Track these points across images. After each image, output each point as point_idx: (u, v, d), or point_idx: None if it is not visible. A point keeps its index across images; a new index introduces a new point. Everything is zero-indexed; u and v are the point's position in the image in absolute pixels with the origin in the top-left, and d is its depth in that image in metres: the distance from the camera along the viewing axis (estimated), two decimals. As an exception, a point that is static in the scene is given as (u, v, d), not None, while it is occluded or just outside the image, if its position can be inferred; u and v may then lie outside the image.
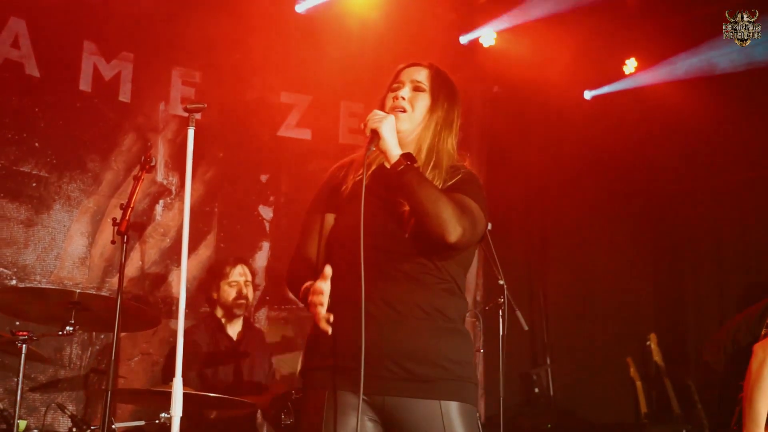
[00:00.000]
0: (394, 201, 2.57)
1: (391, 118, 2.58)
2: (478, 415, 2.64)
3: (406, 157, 2.51)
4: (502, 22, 6.32)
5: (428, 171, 2.60)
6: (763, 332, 3.57)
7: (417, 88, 2.69)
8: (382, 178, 2.59)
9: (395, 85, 2.72)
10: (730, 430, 3.58)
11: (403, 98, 2.67)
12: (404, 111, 2.65)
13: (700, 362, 5.96)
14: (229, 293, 4.87)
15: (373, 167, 2.63)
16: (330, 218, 2.70)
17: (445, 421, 2.46)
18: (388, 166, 2.52)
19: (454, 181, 2.60)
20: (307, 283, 2.54)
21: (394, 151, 2.51)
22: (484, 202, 2.60)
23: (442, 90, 2.72)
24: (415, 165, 2.51)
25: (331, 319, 2.45)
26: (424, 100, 2.68)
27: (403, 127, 2.62)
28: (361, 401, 2.41)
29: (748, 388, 3.39)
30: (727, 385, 3.67)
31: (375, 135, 2.53)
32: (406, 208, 2.53)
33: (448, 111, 2.70)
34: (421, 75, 2.71)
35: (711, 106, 6.33)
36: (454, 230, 2.43)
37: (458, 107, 2.74)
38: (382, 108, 2.68)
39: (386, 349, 2.46)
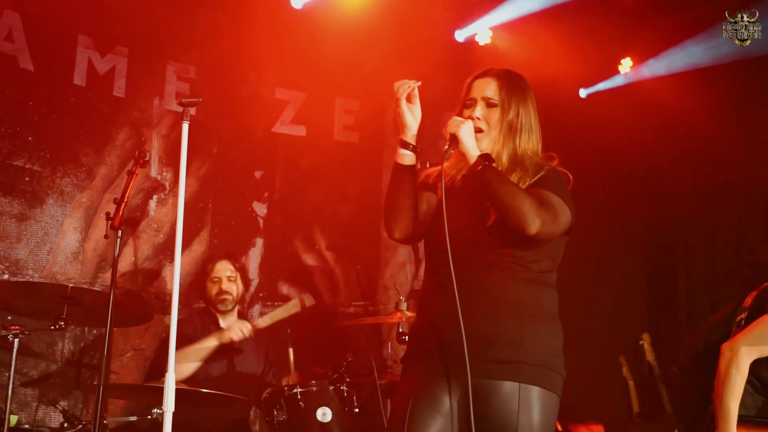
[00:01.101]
0: (479, 200, 2.74)
1: (470, 122, 2.75)
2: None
3: (485, 157, 2.68)
4: (498, 20, 6.32)
5: (512, 171, 2.76)
6: (732, 331, 3.60)
7: (489, 105, 2.83)
8: (469, 181, 2.77)
9: (468, 102, 2.86)
10: (706, 428, 3.59)
11: (478, 118, 2.80)
12: (481, 131, 2.79)
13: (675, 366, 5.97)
14: (211, 289, 4.93)
15: (463, 172, 2.80)
16: (427, 196, 2.88)
17: (522, 404, 2.58)
18: (469, 168, 2.71)
19: (536, 178, 2.74)
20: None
21: (473, 152, 2.70)
22: (568, 196, 2.75)
23: (512, 97, 2.84)
24: (493, 164, 2.68)
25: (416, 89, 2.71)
26: (498, 115, 2.82)
27: (483, 146, 2.76)
28: (457, 387, 2.60)
29: (718, 387, 3.43)
30: (699, 385, 3.70)
31: (454, 139, 2.72)
32: (489, 204, 2.71)
33: (522, 115, 2.83)
34: (491, 90, 2.85)
35: (706, 103, 6.33)
36: (533, 222, 2.59)
37: (532, 107, 2.88)
38: None
39: (474, 334, 2.58)
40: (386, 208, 2.84)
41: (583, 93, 6.95)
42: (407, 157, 2.77)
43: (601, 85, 6.84)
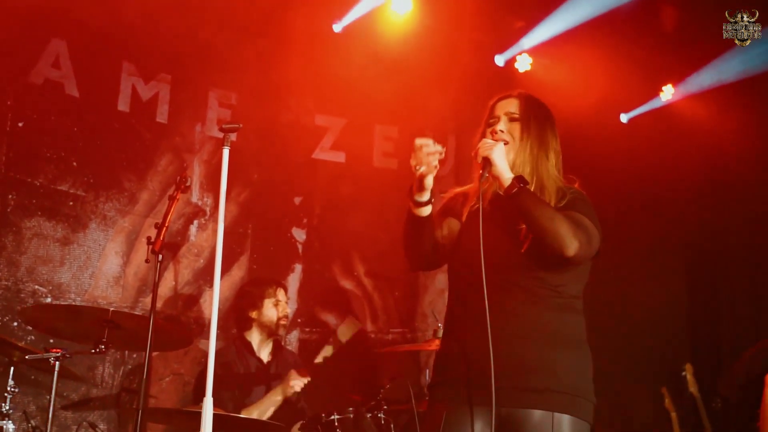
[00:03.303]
0: (509, 223, 2.71)
1: (501, 144, 2.73)
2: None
3: (519, 179, 2.64)
4: (538, 47, 6.31)
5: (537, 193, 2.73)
6: None
7: (512, 119, 2.83)
8: (497, 203, 2.75)
9: (491, 120, 2.86)
10: None
11: (502, 131, 2.80)
12: (507, 143, 2.78)
13: (716, 396, 5.84)
14: (274, 312, 4.84)
15: (489, 195, 2.78)
16: (449, 222, 2.87)
17: None
18: (501, 192, 2.66)
19: (564, 201, 2.72)
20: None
21: (507, 175, 2.65)
22: (596, 218, 2.74)
23: (532, 115, 2.85)
24: (528, 186, 2.64)
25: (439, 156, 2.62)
26: (519, 128, 2.82)
27: (509, 158, 2.73)
28: (486, 415, 2.52)
29: (763, 417, 3.36)
30: (742, 415, 3.64)
31: (487, 162, 2.67)
32: (522, 227, 2.67)
33: (541, 134, 2.83)
34: (513, 106, 2.86)
35: (747, 120, 6.24)
36: (571, 244, 2.57)
37: (552, 130, 2.88)
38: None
39: (503, 361, 2.53)
40: (405, 248, 2.83)
41: (624, 118, 6.89)
42: (425, 210, 2.73)
43: (643, 108, 6.77)
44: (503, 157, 2.69)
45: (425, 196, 2.71)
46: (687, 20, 6.11)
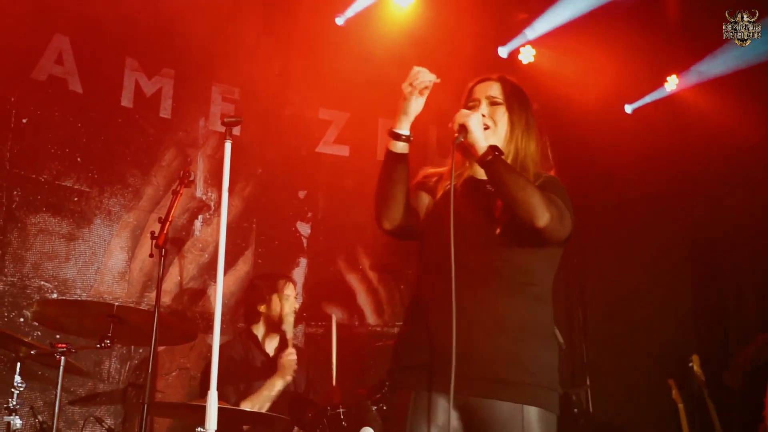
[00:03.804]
0: (483, 205, 2.69)
1: (478, 114, 2.70)
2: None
3: (494, 148, 2.62)
4: (542, 38, 6.29)
5: None
6: None
7: (494, 103, 2.80)
8: (471, 185, 2.74)
9: (471, 104, 2.82)
10: None
11: (484, 115, 2.75)
12: (487, 128, 2.74)
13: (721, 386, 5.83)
14: (282, 307, 4.82)
15: (463, 177, 2.77)
16: (421, 195, 2.83)
17: (525, 426, 2.50)
18: (477, 158, 2.63)
19: (537, 183, 2.67)
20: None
21: (482, 143, 2.62)
22: (569, 204, 2.69)
23: (516, 99, 2.83)
24: (503, 156, 2.62)
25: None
26: (503, 115, 2.78)
27: (490, 142, 2.68)
28: (449, 400, 2.46)
29: None
30: (748, 404, 3.64)
31: (463, 128, 2.64)
32: (498, 204, 2.64)
33: (526, 118, 2.81)
34: (494, 89, 2.84)
35: (757, 120, 6.22)
36: (543, 215, 2.53)
37: (533, 116, 2.86)
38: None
39: (472, 349, 2.51)
40: (377, 197, 2.77)
41: (628, 109, 6.87)
42: (400, 146, 2.71)
43: (647, 99, 6.75)
44: (480, 125, 2.66)
45: (405, 127, 2.71)
46: (691, 10, 6.09)
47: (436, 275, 2.61)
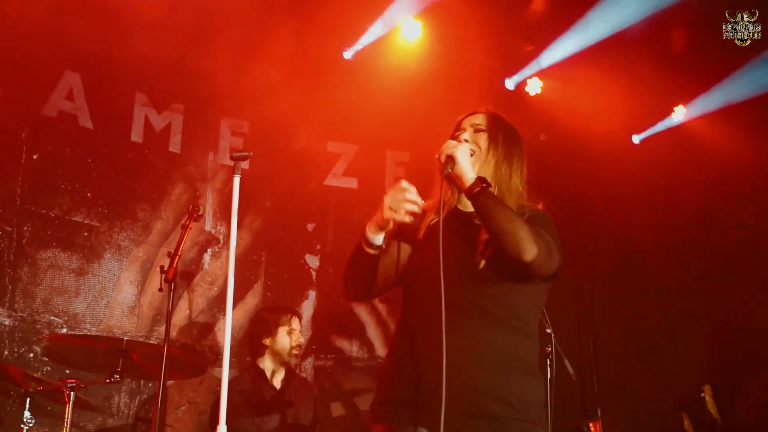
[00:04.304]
0: (467, 239, 2.64)
1: (466, 145, 2.70)
2: None
3: (481, 180, 2.59)
4: (548, 70, 6.33)
5: None
6: None
7: (477, 130, 2.79)
8: (455, 219, 2.70)
9: (457, 133, 2.81)
10: None
11: (466, 140, 2.76)
12: (473, 153, 2.73)
13: (735, 418, 5.77)
14: (288, 340, 4.83)
15: (447, 209, 2.71)
16: (398, 246, 2.80)
17: None
18: (463, 192, 2.60)
19: (527, 217, 2.64)
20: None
21: (469, 175, 2.59)
22: (557, 239, 2.65)
23: (500, 129, 2.81)
24: (490, 188, 2.59)
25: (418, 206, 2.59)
26: (484, 141, 2.77)
27: (475, 168, 2.67)
28: None
29: None
30: None
31: (450, 160, 2.61)
32: (483, 238, 2.59)
33: (507, 148, 2.78)
34: (479, 119, 2.83)
35: (763, 149, 6.22)
36: (530, 248, 2.48)
37: (518, 146, 2.83)
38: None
39: (455, 384, 2.42)
40: (343, 276, 2.78)
41: (636, 139, 6.88)
42: (373, 250, 2.68)
43: (654, 129, 6.76)
44: (467, 156, 2.64)
45: (379, 240, 2.67)
46: (697, 40, 6.12)
47: (421, 308, 2.59)
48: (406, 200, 2.59)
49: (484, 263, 2.58)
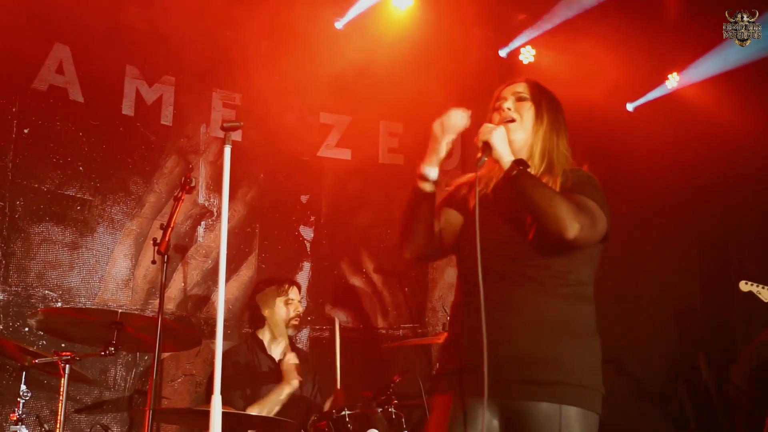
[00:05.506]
0: (514, 211, 2.67)
1: (502, 128, 2.70)
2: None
3: (519, 162, 2.62)
4: (541, 38, 6.29)
5: (543, 175, 2.70)
6: None
7: (520, 99, 2.81)
8: (502, 192, 2.71)
9: (498, 103, 2.82)
10: None
11: (509, 109, 2.77)
12: (513, 121, 2.76)
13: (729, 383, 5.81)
14: (285, 310, 4.83)
15: (493, 183, 2.75)
16: (447, 213, 2.84)
17: (563, 426, 2.50)
18: (502, 175, 2.65)
19: (570, 183, 2.68)
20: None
21: (507, 158, 2.64)
22: (603, 201, 2.68)
23: (543, 96, 2.84)
24: (528, 169, 2.61)
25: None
26: (529, 109, 2.79)
27: (516, 136, 2.73)
28: (485, 404, 2.46)
29: None
30: (755, 400, 3.62)
31: (487, 146, 2.66)
32: (528, 215, 2.63)
33: (553, 116, 2.81)
34: (520, 87, 2.84)
35: (759, 116, 6.21)
36: (571, 226, 2.52)
37: (562, 112, 2.87)
38: None
39: (509, 352, 2.53)
40: (400, 229, 2.80)
41: (630, 107, 6.87)
42: (428, 186, 2.71)
43: (648, 97, 6.75)
44: (504, 140, 2.66)
45: (434, 173, 2.69)
46: (691, 6, 6.09)
47: (472, 284, 2.59)
48: (454, 117, 2.64)
49: (532, 235, 2.61)
